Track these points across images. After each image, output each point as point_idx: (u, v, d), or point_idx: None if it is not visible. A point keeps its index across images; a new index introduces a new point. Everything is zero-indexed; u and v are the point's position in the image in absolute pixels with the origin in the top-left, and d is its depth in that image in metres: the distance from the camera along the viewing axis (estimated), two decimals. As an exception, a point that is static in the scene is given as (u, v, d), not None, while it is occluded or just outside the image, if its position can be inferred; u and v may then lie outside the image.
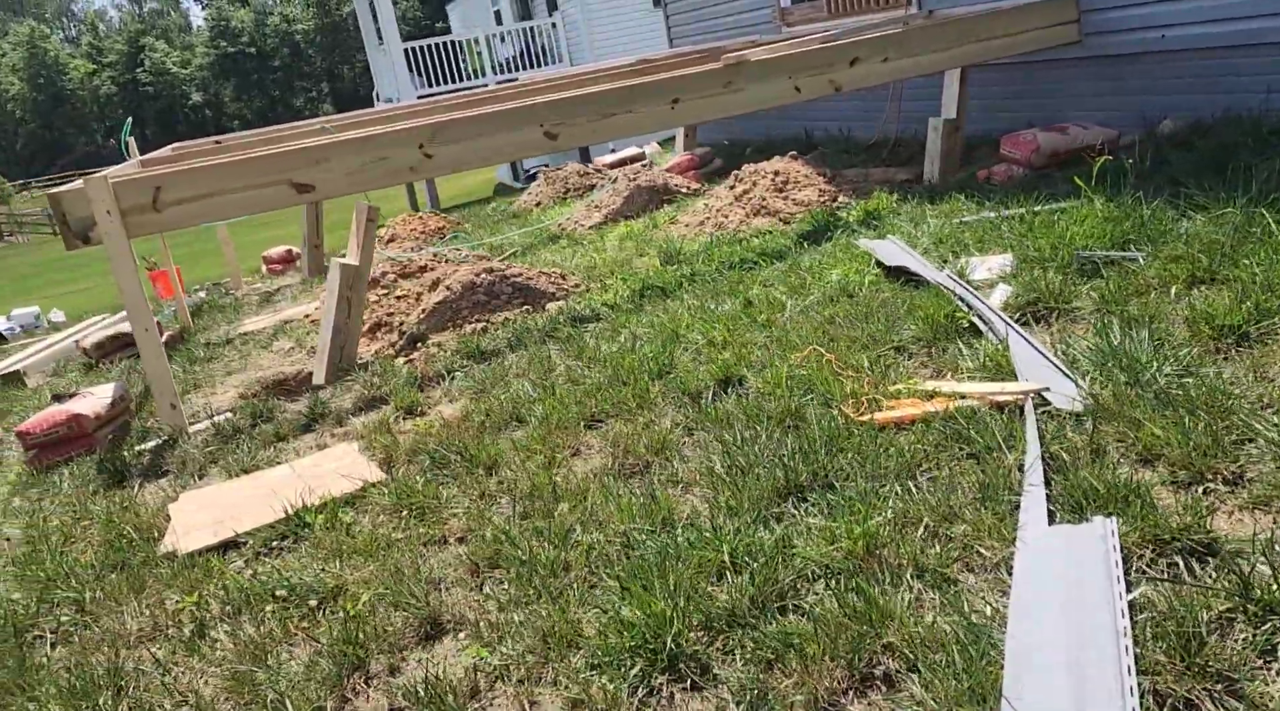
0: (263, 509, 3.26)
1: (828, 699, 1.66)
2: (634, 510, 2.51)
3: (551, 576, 2.31)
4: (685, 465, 2.73)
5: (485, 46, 21.02)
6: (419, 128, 4.65)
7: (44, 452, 4.56)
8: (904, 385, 2.69)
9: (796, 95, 5.13)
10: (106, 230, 4.26)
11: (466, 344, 4.77)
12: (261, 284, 9.99)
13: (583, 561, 2.35)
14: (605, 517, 2.54)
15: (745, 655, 1.84)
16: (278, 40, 76.45)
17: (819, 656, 1.73)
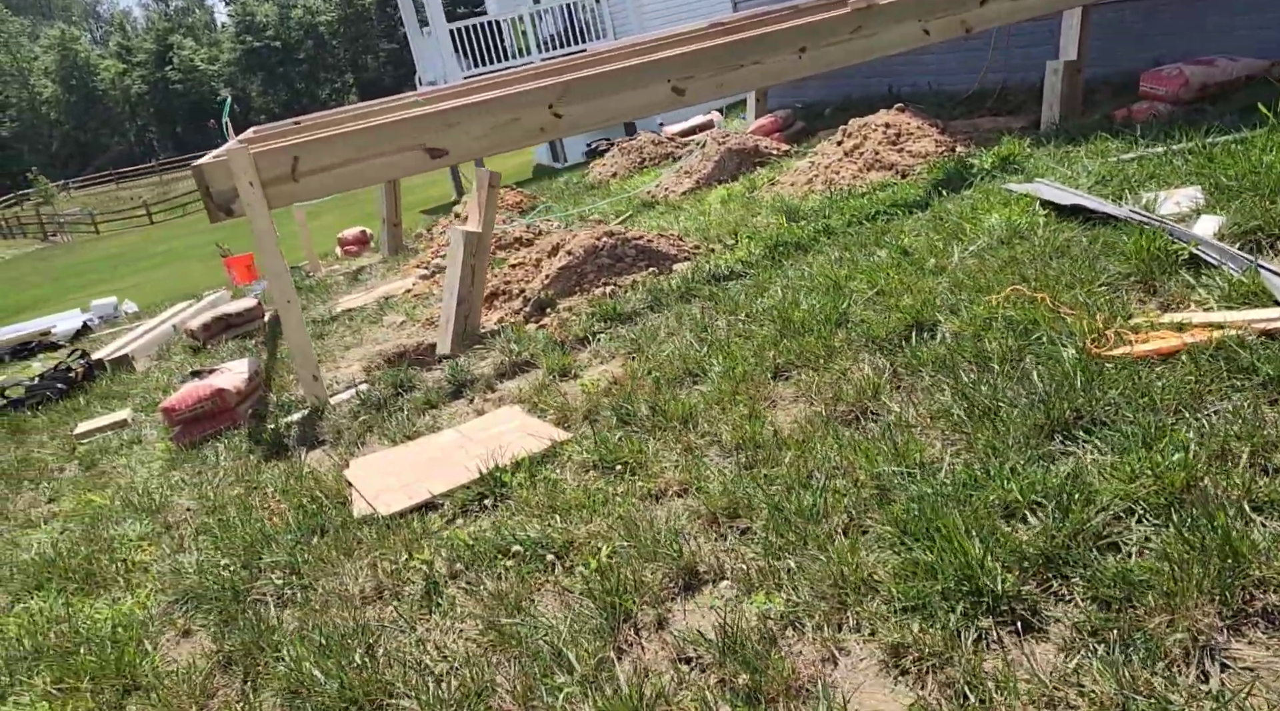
0: (450, 470, 3.21)
1: (1204, 637, 1.56)
2: (874, 454, 2.42)
3: (811, 523, 2.23)
4: (913, 410, 2.63)
5: (530, 24, 20.87)
6: (548, 87, 4.56)
7: (189, 428, 4.56)
8: (1144, 318, 2.57)
9: (925, 38, 4.98)
10: (249, 201, 4.23)
11: (601, 307, 4.69)
12: (339, 266, 9.99)
13: (839, 507, 2.26)
14: (844, 464, 2.45)
15: (1080, 594, 1.74)
16: (302, 33, 76.78)
17: (1182, 593, 1.62)
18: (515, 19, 21.07)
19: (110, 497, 4.01)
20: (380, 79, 76.15)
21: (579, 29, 20.87)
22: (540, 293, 5.14)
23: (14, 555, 3.61)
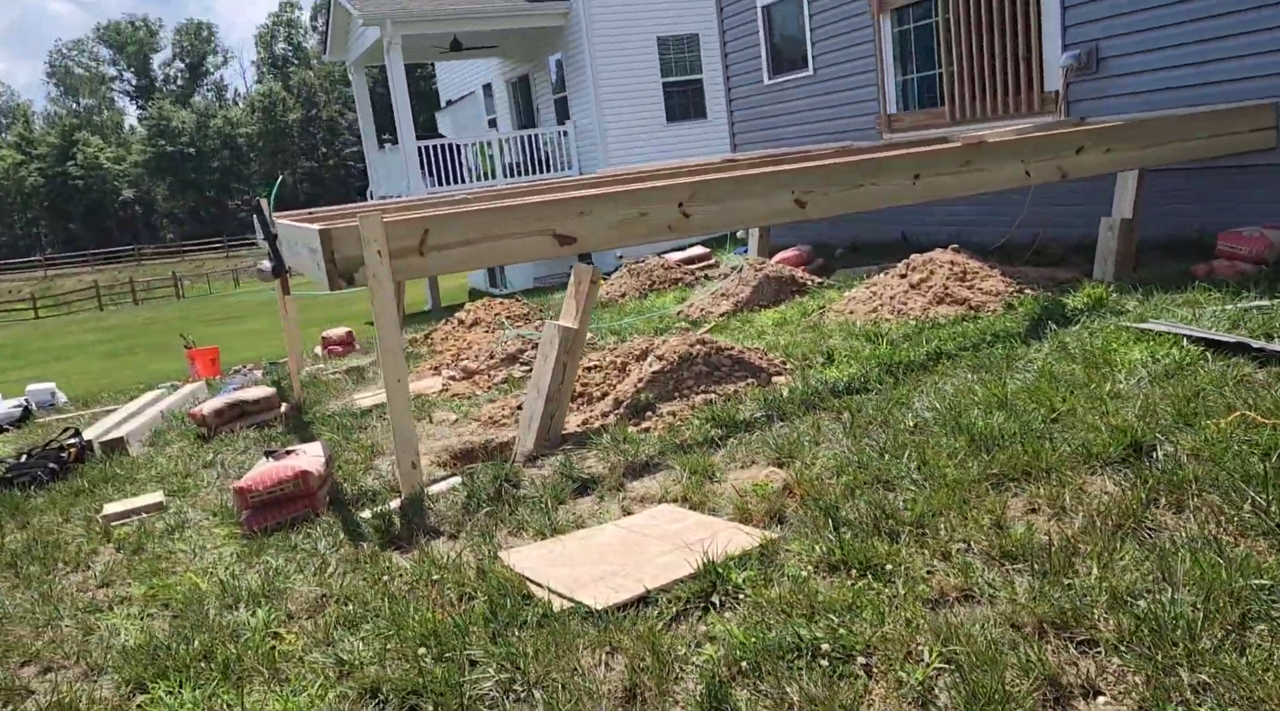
0: (644, 565, 2.94)
1: None
2: (1209, 565, 2.28)
3: (1185, 635, 2.06)
4: (1211, 525, 2.52)
5: (497, 150, 21.28)
6: (679, 185, 4.52)
7: (263, 513, 4.13)
8: None
9: (1026, 179, 5.17)
10: (374, 271, 3.99)
11: (713, 413, 4.53)
12: (324, 365, 9.57)
13: (1213, 619, 2.10)
14: (1160, 575, 2.31)
15: None
16: (219, 142, 76.77)
17: None
18: (484, 143, 21.47)
19: (194, 582, 3.54)
20: (295, 196, 76.27)
21: (541, 159, 21.35)
22: (637, 396, 4.94)
23: (103, 640, 3.11)
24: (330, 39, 23.37)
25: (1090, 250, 7.14)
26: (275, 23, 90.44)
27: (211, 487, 5.02)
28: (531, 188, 6.70)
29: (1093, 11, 6.79)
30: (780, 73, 10.73)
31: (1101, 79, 6.82)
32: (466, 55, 24.32)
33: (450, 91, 30.49)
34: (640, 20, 20.28)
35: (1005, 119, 7.60)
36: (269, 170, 76.91)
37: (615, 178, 6.37)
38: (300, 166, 77.16)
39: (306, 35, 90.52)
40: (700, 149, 20.87)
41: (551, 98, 22.88)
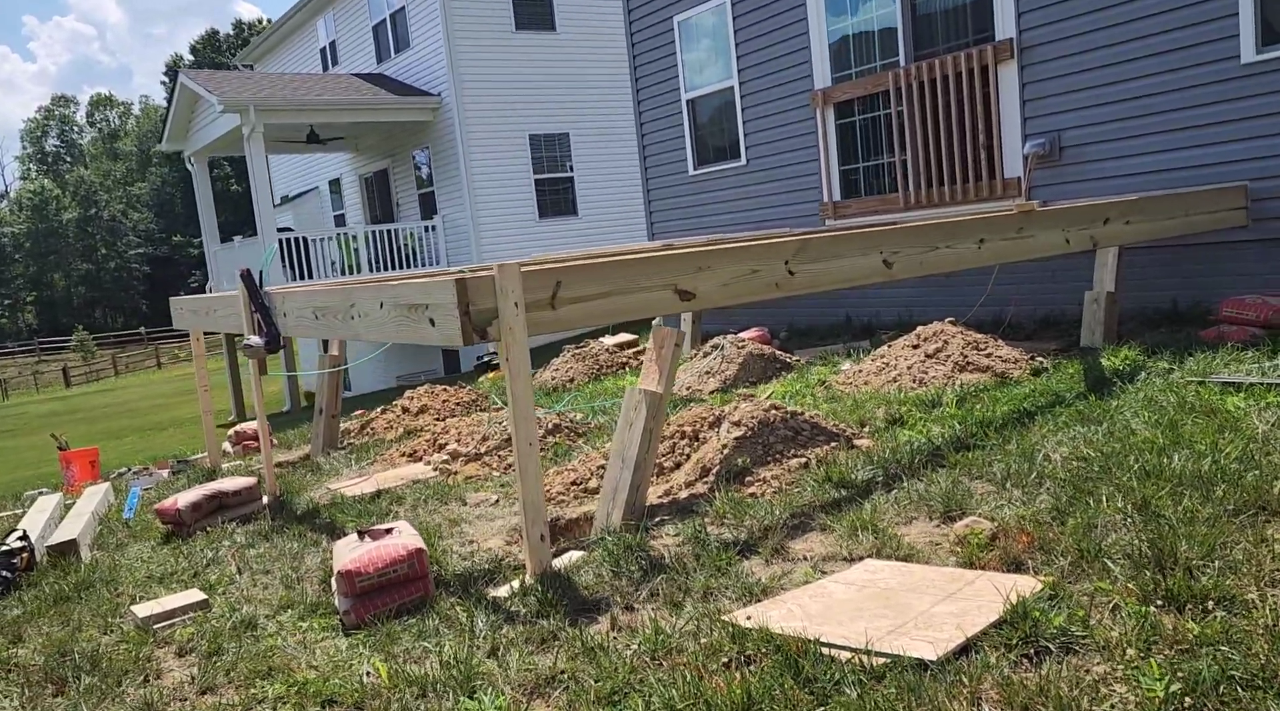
0: (934, 616, 2.72)
1: None
2: None
3: None
4: None
5: (363, 243, 20.61)
6: (786, 243, 4.45)
7: (371, 599, 3.59)
8: None
9: (1065, 247, 5.44)
10: (509, 324, 3.64)
11: (824, 474, 4.38)
12: (245, 460, 8.69)
13: None
14: None
15: None
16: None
17: None
18: (350, 237, 20.75)
19: (345, 677, 2.98)
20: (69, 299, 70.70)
21: (404, 254, 20.86)
22: (728, 461, 4.71)
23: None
24: (170, 126, 22.17)
25: (1055, 324, 7.61)
26: (47, 117, 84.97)
27: (247, 583, 4.34)
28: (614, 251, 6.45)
29: (1055, 104, 7.41)
30: (706, 163, 11.01)
31: (1065, 166, 7.40)
32: (321, 148, 23.67)
33: (287, 187, 29.45)
34: (512, 117, 20.47)
35: (964, 204, 8.07)
36: (36, 273, 70.81)
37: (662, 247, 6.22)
38: (75, 268, 71.52)
39: (82, 132, 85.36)
40: (573, 245, 21.04)
41: (415, 192, 22.54)
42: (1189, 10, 6.56)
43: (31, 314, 72.88)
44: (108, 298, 72.41)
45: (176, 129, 22.03)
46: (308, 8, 24.39)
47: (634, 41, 11.69)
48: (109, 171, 75.70)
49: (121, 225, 72.44)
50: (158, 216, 73.10)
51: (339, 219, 26.33)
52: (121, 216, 72.61)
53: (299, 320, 5.22)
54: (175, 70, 55.76)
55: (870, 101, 8.91)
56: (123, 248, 72.40)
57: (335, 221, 26.37)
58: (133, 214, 73.21)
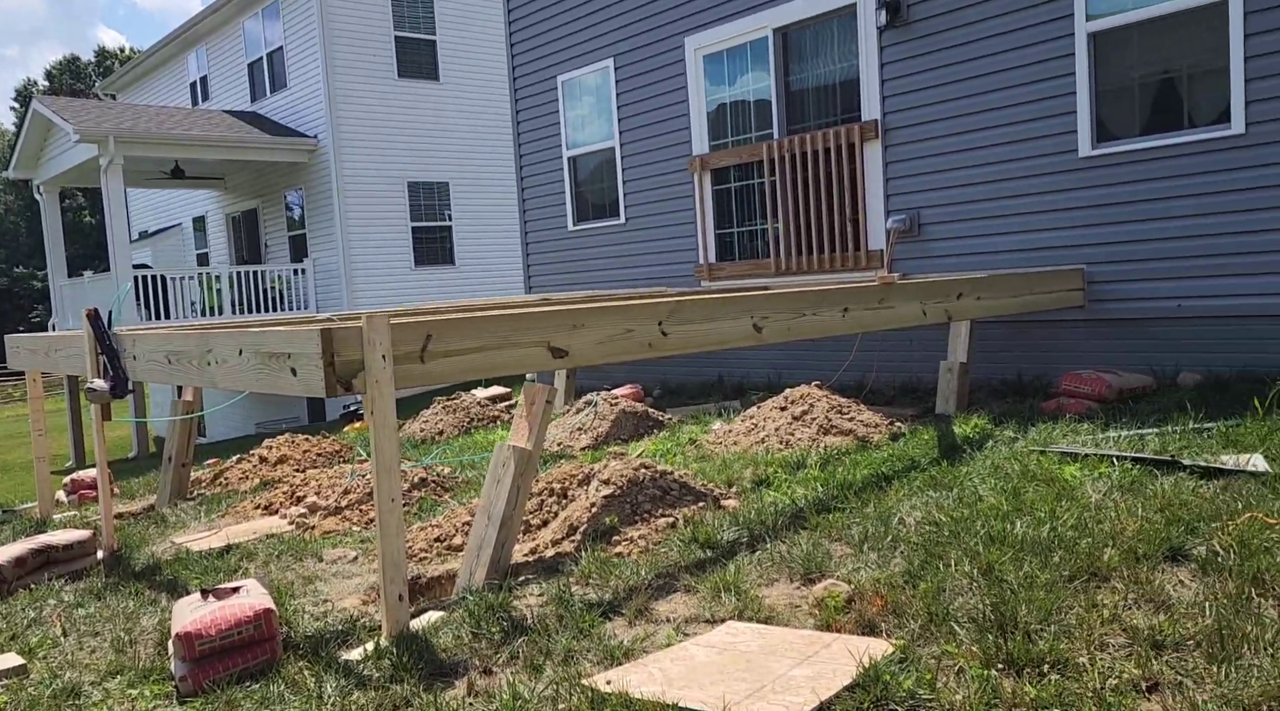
0: (790, 679, 2.76)
1: None
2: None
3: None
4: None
5: (226, 284, 19.83)
6: (660, 304, 4.52)
7: (211, 664, 3.38)
8: None
9: (922, 318, 5.71)
10: (376, 377, 3.56)
11: (690, 534, 4.41)
12: (82, 510, 8.12)
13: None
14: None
15: None
16: None
17: None
18: (213, 276, 19.92)
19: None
20: None
21: (272, 297, 20.19)
22: (599, 520, 4.69)
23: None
24: (19, 154, 20.97)
25: (912, 391, 7.95)
26: None
27: (73, 647, 4.02)
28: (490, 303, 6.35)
29: (912, 184, 7.84)
30: (586, 220, 11.13)
31: (924, 241, 7.81)
32: (186, 184, 22.81)
33: (146, 222, 28.16)
34: (391, 163, 20.23)
35: (830, 272, 8.40)
36: None
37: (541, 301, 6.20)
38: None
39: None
40: (449, 294, 20.80)
41: (286, 234, 21.90)
42: (1033, 105, 7.10)
43: None
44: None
45: (26, 156, 20.83)
46: (179, 40, 23.62)
47: (517, 97, 11.79)
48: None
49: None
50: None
51: (202, 258, 25.30)
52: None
53: (150, 365, 4.95)
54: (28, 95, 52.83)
55: (746, 169, 9.22)
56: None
57: (199, 260, 25.33)
58: (7, 243, 68.22)
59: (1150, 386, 6.22)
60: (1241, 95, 6.16)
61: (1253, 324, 6.22)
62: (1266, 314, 6.15)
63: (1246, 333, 6.20)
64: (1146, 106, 6.68)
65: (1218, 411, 5.40)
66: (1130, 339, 6.72)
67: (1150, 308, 6.61)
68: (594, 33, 10.63)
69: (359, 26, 19.59)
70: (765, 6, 8.84)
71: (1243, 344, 6.22)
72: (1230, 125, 6.23)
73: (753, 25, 8.98)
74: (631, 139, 10.37)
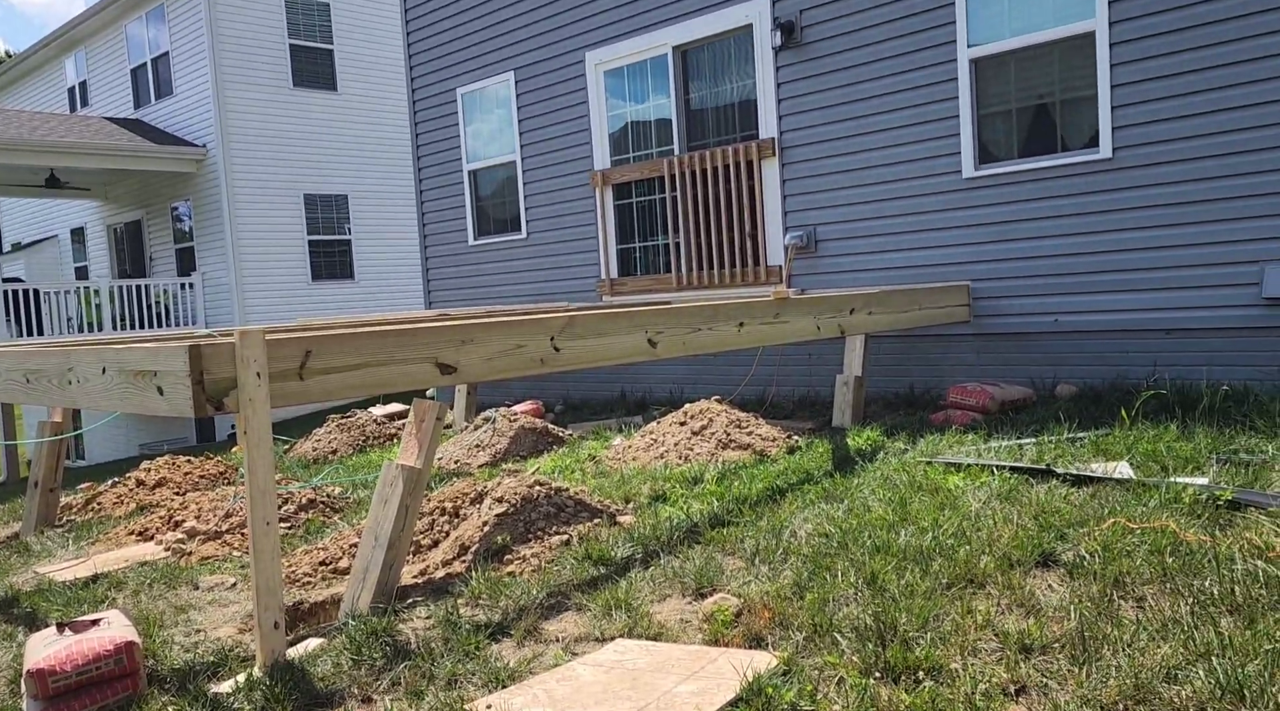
0: (677, 696, 2.74)
1: None
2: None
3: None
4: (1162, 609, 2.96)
5: (106, 299, 18.93)
6: (552, 319, 4.47)
7: (64, 703, 3.17)
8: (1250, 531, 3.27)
9: (816, 333, 5.80)
10: (250, 396, 3.41)
11: (583, 551, 4.36)
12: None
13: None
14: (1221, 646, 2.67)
15: None
16: None
17: None
18: (92, 291, 19.00)
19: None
20: None
21: (157, 312, 19.38)
22: (488, 539, 4.59)
23: None
24: (-125, 156, 19.62)
25: (811, 404, 8.08)
26: None
27: (-86, 687, 3.72)
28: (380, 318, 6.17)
29: (809, 202, 7.99)
30: (487, 234, 11.01)
31: (820, 257, 7.96)
32: (62, 194, 21.71)
33: (19, 233, 26.74)
34: (286, 175, 19.67)
35: (731, 287, 8.49)
36: None
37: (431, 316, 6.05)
38: None
39: None
40: (349, 309, 20.30)
41: (173, 246, 21.04)
42: (921, 128, 7.33)
43: None
44: None
45: (-116, 159, 19.52)
46: (57, 43, 22.54)
47: (416, 109, 11.61)
48: None
49: None
50: None
51: (81, 271, 24.10)
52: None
53: (8, 384, 4.66)
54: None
55: (647, 185, 9.26)
56: None
57: (77, 273, 24.12)
58: None
59: (1031, 398, 6.45)
60: (1109, 121, 6.47)
61: (1121, 338, 6.52)
62: (1133, 328, 6.46)
63: (1116, 347, 6.50)
64: (1025, 130, 6.97)
65: (1090, 421, 5.63)
66: (1013, 352, 6.97)
67: (1030, 322, 6.87)
68: (494, 45, 10.55)
69: (251, 33, 19.03)
70: (664, 24, 8.92)
71: (1113, 357, 6.51)
72: (1099, 149, 6.54)
73: (652, 43, 9.04)
74: (533, 153, 10.32)
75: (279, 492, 6.49)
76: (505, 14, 10.38)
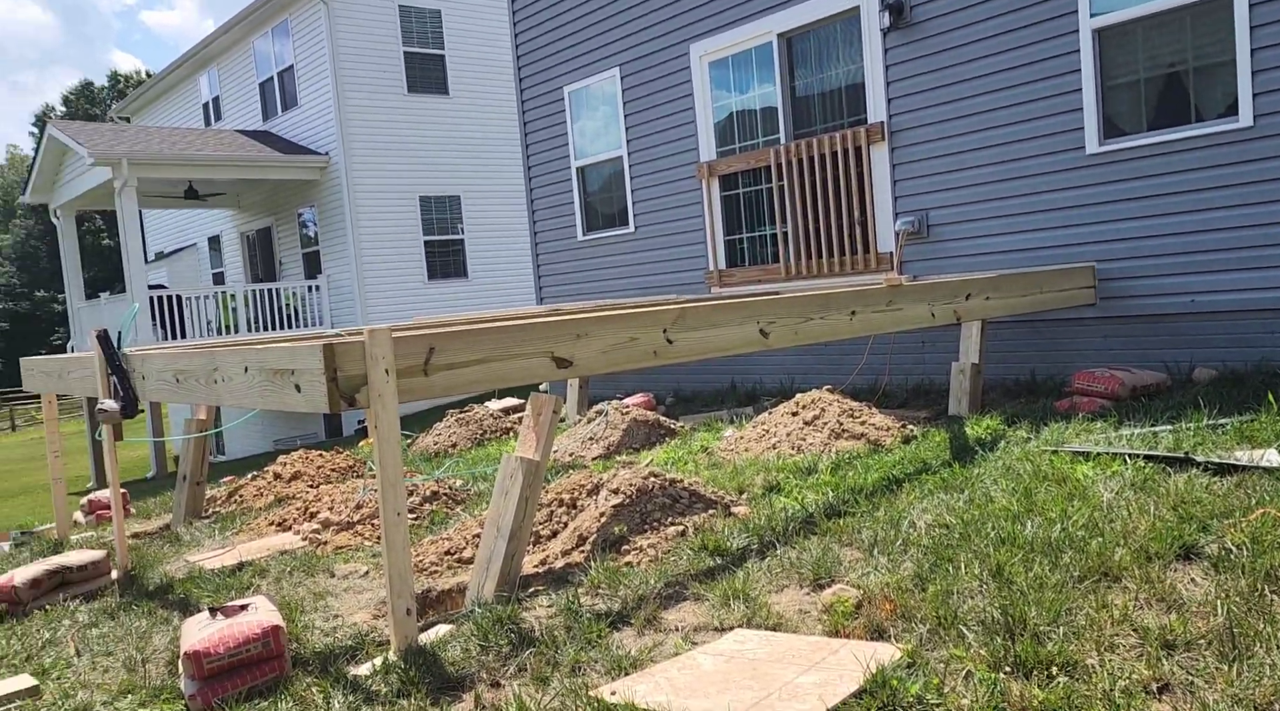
0: (798, 686, 2.73)
1: None
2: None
3: None
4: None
5: (242, 302, 19.97)
6: (664, 311, 4.51)
7: (220, 682, 3.39)
8: None
9: (931, 320, 5.68)
10: (379, 392, 3.56)
11: (700, 542, 4.39)
12: (99, 531, 8.18)
13: None
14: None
15: None
16: None
17: None
18: (228, 295, 20.07)
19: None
20: None
21: (287, 315, 20.29)
22: (606, 529, 4.68)
23: None
24: (35, 178, 21.18)
25: (925, 393, 7.90)
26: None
27: (85, 667, 4.04)
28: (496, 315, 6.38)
29: (923, 185, 7.81)
30: (595, 229, 11.14)
31: (933, 242, 7.77)
32: (200, 204, 22.97)
33: (163, 243, 28.43)
34: (403, 178, 20.34)
35: (840, 276, 8.37)
36: None
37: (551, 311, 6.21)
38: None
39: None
40: (463, 308, 20.86)
41: (300, 251, 22.03)
42: (1039, 103, 7.05)
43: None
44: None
45: (43, 181, 21.06)
46: (191, 62, 23.87)
47: (525, 109, 11.83)
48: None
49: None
50: (20, 270, 69.42)
51: (218, 277, 25.48)
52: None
53: (159, 384, 4.98)
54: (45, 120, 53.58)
55: (753, 175, 9.21)
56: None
57: (214, 279, 25.52)
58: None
59: (1164, 383, 6.15)
60: (1249, 87, 6.09)
61: (1266, 318, 6.14)
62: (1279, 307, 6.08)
63: (1260, 327, 6.12)
64: (1153, 101, 6.63)
65: (1232, 407, 5.33)
66: (1143, 336, 6.65)
67: (1162, 304, 6.54)
68: (600, 42, 10.66)
69: (368, 43, 19.73)
70: (768, 12, 8.84)
71: (1256, 338, 6.14)
72: (1238, 118, 6.17)
73: (756, 31, 8.98)
74: (639, 147, 10.39)
75: (408, 483, 6.75)
76: (610, 10, 10.47)
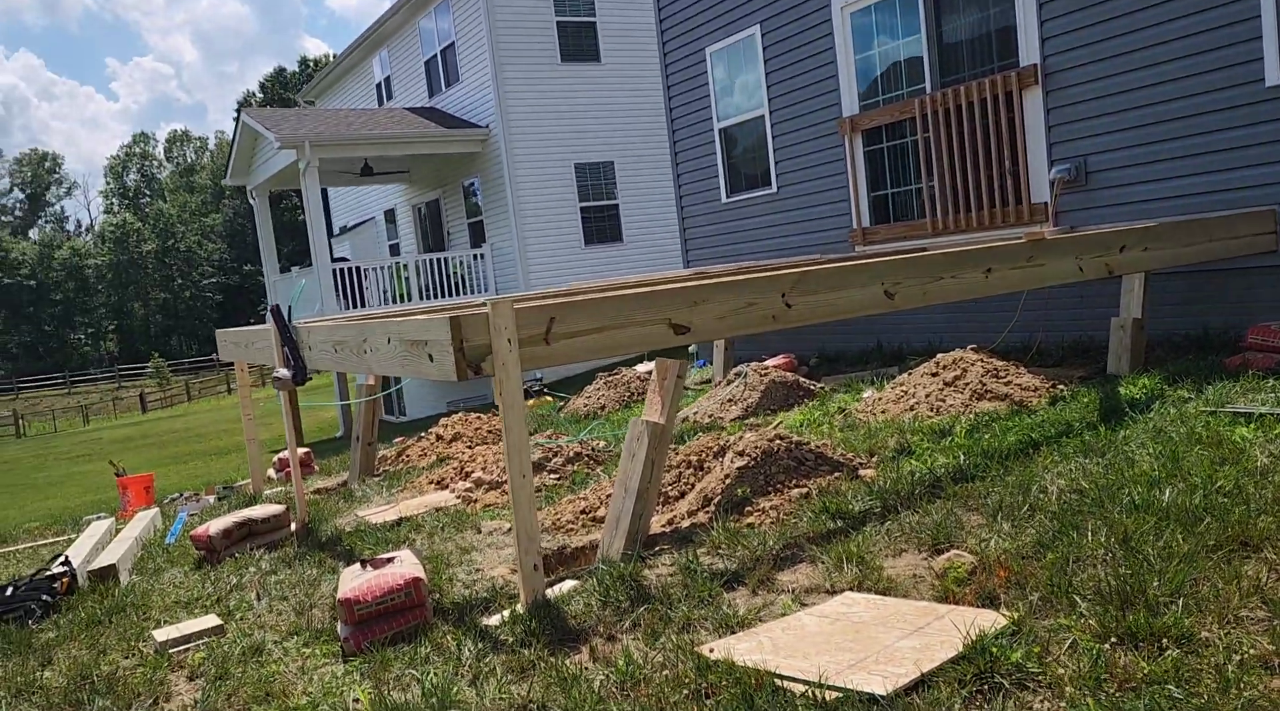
0: (897, 650, 2.76)
1: None
2: None
3: None
4: None
5: (414, 272, 21.06)
6: (784, 276, 4.51)
7: (370, 626, 3.72)
8: None
9: (1079, 275, 5.40)
10: (503, 360, 3.77)
11: (821, 504, 4.42)
12: (285, 487, 8.96)
13: None
14: None
15: None
16: (64, 273, 73.68)
17: None
18: (401, 266, 21.21)
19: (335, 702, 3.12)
20: (147, 327, 73.45)
21: (454, 283, 21.20)
22: (730, 491, 4.77)
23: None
24: (233, 162, 22.98)
25: (1084, 350, 7.50)
26: (128, 154, 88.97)
27: (263, 610, 4.51)
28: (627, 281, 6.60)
29: (1080, 129, 7.35)
30: (738, 191, 11.09)
31: (1091, 191, 7.32)
32: (375, 180, 24.30)
33: (345, 218, 30.28)
34: (558, 147, 20.80)
35: (991, 230, 8.02)
36: (118, 302, 73.94)
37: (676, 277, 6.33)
38: (154, 298, 74.71)
39: (160, 167, 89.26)
40: (618, 271, 21.24)
41: (465, 221, 22.98)
42: (1209, 35, 6.48)
43: (112, 342, 76.02)
44: (183, 325, 75.19)
45: (239, 165, 22.83)
46: (364, 45, 25.17)
47: (668, 72, 11.86)
48: (185, 204, 78.96)
49: (196, 255, 75.44)
50: (230, 246, 75.89)
51: (394, 248, 26.94)
52: (196, 247, 75.70)
53: (322, 354, 5.42)
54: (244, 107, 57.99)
55: (897, 128, 8.92)
56: (197, 277, 75.28)
57: (391, 251, 26.98)
58: (207, 244, 76.25)
59: (1353, 336, 5.60)
60: None
61: None
62: None
63: None
64: (1345, 23, 5.97)
65: None
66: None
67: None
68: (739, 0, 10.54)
69: (523, 15, 20.21)
70: (912, -45, 8.48)
71: None
72: None
73: (900, -24, 8.64)
74: (781, 105, 10.24)
75: (549, 446, 7.07)
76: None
